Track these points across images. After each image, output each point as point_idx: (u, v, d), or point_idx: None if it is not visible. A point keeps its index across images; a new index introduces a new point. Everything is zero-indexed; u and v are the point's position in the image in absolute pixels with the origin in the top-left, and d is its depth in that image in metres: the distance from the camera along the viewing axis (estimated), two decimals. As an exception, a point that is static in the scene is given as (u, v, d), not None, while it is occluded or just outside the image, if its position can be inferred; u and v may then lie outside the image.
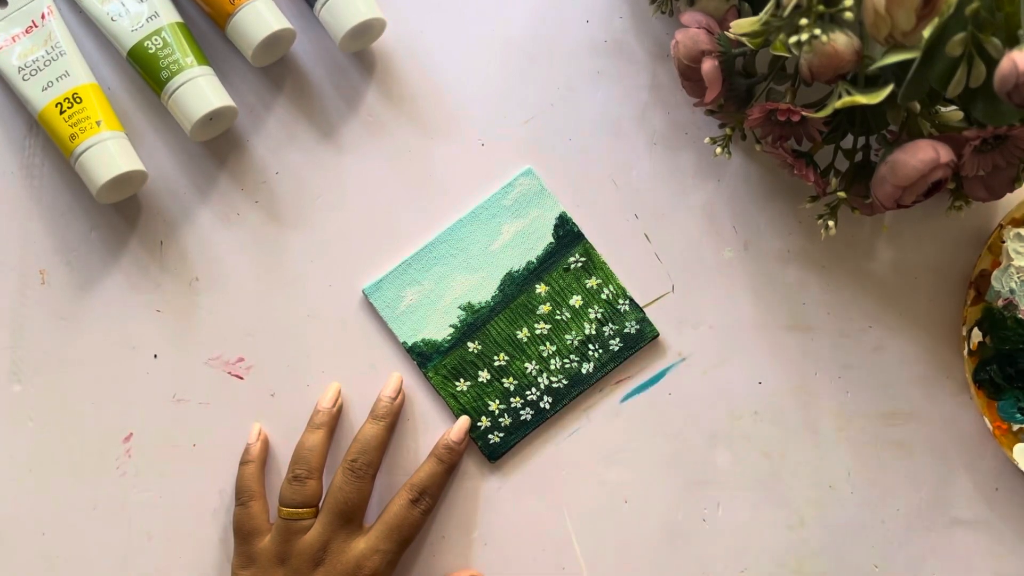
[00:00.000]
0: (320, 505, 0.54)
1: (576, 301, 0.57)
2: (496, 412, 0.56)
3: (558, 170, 0.57)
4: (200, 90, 0.54)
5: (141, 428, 0.57)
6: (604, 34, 0.58)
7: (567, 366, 0.56)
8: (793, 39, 0.45)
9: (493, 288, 0.57)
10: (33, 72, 0.55)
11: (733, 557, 0.55)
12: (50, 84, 0.55)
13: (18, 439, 0.57)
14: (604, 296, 0.57)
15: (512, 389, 0.56)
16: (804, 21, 0.44)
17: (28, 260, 0.58)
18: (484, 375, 0.56)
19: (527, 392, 0.56)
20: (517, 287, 0.57)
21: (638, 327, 0.56)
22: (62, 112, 0.54)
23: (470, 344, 0.56)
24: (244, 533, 0.54)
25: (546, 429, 0.57)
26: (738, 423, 0.56)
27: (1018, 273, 0.53)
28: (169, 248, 0.58)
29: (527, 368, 0.56)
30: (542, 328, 0.57)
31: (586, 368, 0.56)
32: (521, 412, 0.56)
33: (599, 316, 0.57)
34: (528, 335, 0.57)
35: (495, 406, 0.56)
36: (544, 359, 0.56)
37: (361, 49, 0.58)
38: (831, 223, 0.51)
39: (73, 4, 0.58)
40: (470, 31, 0.58)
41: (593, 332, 0.57)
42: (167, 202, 0.58)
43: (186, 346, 0.57)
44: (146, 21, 0.55)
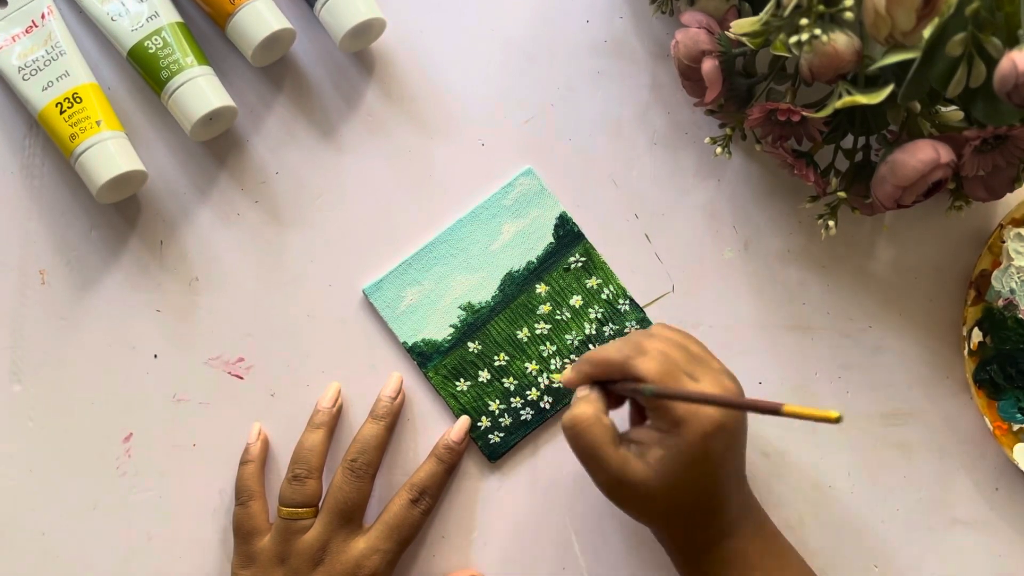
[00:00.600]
0: (320, 505, 0.54)
1: (576, 301, 0.57)
2: (496, 412, 0.56)
3: (558, 170, 0.57)
4: (200, 90, 0.54)
5: (141, 428, 0.57)
6: (604, 34, 0.58)
7: (567, 366, 0.56)
8: (793, 39, 0.45)
9: (493, 288, 0.57)
10: (33, 72, 0.55)
11: (733, 557, 0.55)
12: (50, 84, 0.55)
13: (18, 439, 0.57)
14: (604, 296, 0.57)
15: (512, 389, 0.56)
16: (804, 21, 0.44)
17: (28, 260, 0.58)
18: (484, 375, 0.56)
19: (527, 392, 0.56)
20: (517, 287, 0.57)
21: (638, 327, 0.56)
22: (62, 112, 0.54)
23: (470, 344, 0.56)
24: (244, 533, 0.54)
25: (546, 429, 0.57)
26: (738, 423, 0.56)
27: (1018, 273, 0.53)
28: (169, 248, 0.58)
29: (527, 368, 0.56)
30: (542, 328, 0.57)
31: (586, 368, 0.56)
32: (521, 412, 0.56)
33: (599, 316, 0.57)
34: (528, 335, 0.57)
35: (495, 406, 0.56)
36: (544, 359, 0.56)
37: (361, 49, 0.58)
38: (831, 223, 0.51)
39: (73, 4, 0.58)
40: (470, 31, 0.58)
41: (593, 332, 0.57)
42: (167, 202, 0.58)
43: (186, 346, 0.57)
44: (146, 21, 0.55)
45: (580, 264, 0.57)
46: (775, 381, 0.56)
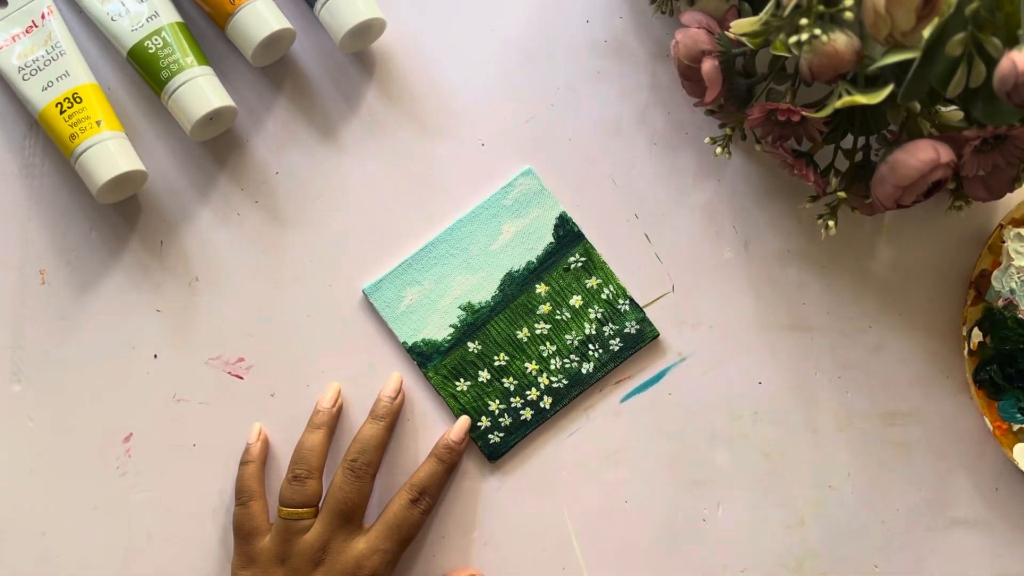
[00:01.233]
0: (320, 505, 0.54)
1: (576, 301, 0.57)
2: (496, 412, 0.56)
3: (558, 170, 0.57)
4: (200, 90, 0.54)
5: (141, 428, 0.57)
6: (604, 34, 0.58)
7: (567, 366, 0.56)
8: (793, 39, 0.45)
9: (493, 288, 0.57)
10: (33, 72, 0.55)
11: (733, 557, 0.55)
12: (50, 84, 0.55)
13: (18, 439, 0.57)
14: (604, 296, 0.57)
15: (512, 389, 0.56)
16: (804, 21, 0.44)
17: (28, 260, 0.58)
18: (484, 375, 0.56)
19: (527, 392, 0.56)
20: (517, 287, 0.57)
21: (638, 327, 0.56)
22: (62, 112, 0.54)
23: (470, 344, 0.56)
24: (244, 533, 0.54)
25: (546, 429, 0.57)
26: (738, 423, 0.56)
27: (1018, 273, 0.53)
28: (169, 248, 0.58)
29: (527, 368, 0.56)
30: (542, 328, 0.57)
31: (586, 368, 0.56)
32: (521, 412, 0.56)
33: (599, 316, 0.57)
34: (528, 335, 0.57)
35: (495, 406, 0.56)
36: (544, 359, 0.56)
37: (361, 49, 0.58)
38: (831, 223, 0.51)
39: (73, 4, 0.58)
40: (470, 31, 0.58)
41: (593, 332, 0.57)
42: (167, 202, 0.58)
43: (186, 346, 0.57)
44: (146, 21, 0.55)
45: (580, 264, 0.57)
46: (775, 381, 0.56)
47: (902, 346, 0.56)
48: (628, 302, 0.57)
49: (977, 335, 0.54)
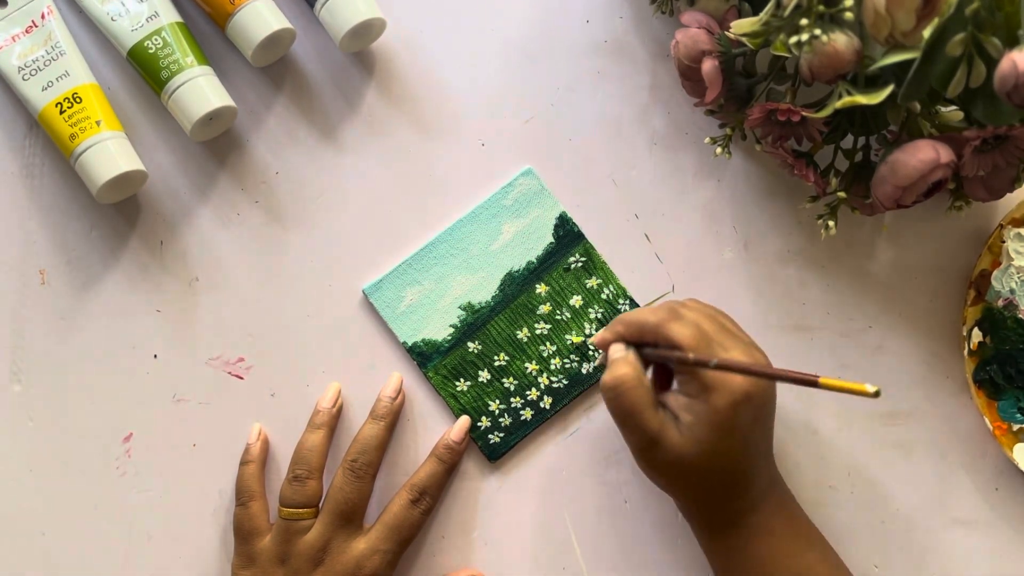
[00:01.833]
0: (320, 505, 0.54)
1: (576, 301, 0.57)
2: (496, 412, 0.56)
3: (558, 170, 0.57)
4: (200, 90, 0.54)
5: (141, 428, 0.57)
6: (604, 34, 0.58)
7: (567, 366, 0.56)
8: (793, 39, 0.45)
9: (493, 288, 0.57)
10: (33, 72, 0.55)
11: (733, 557, 0.55)
12: (50, 84, 0.55)
13: (18, 439, 0.57)
14: (604, 296, 0.57)
15: (512, 389, 0.56)
16: (804, 21, 0.44)
17: (28, 260, 0.58)
18: (484, 375, 0.56)
19: (527, 392, 0.56)
20: (517, 287, 0.57)
21: (638, 327, 0.56)
22: (62, 112, 0.54)
23: (470, 344, 0.56)
24: (244, 533, 0.54)
25: (546, 429, 0.57)
26: (738, 423, 0.56)
27: (1018, 273, 0.53)
28: (169, 248, 0.58)
29: (527, 368, 0.56)
30: (542, 328, 0.57)
31: (586, 368, 0.56)
32: (521, 412, 0.56)
33: (599, 316, 0.57)
34: (528, 335, 0.57)
35: (495, 406, 0.56)
36: (544, 359, 0.56)
37: (361, 49, 0.58)
38: (831, 223, 0.51)
39: (73, 4, 0.58)
40: (470, 31, 0.58)
41: (593, 332, 0.57)
42: (167, 202, 0.58)
43: (186, 346, 0.57)
44: (146, 21, 0.55)
45: (580, 264, 0.57)
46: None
47: (902, 346, 0.56)
48: (628, 302, 0.57)
49: (977, 335, 0.54)
